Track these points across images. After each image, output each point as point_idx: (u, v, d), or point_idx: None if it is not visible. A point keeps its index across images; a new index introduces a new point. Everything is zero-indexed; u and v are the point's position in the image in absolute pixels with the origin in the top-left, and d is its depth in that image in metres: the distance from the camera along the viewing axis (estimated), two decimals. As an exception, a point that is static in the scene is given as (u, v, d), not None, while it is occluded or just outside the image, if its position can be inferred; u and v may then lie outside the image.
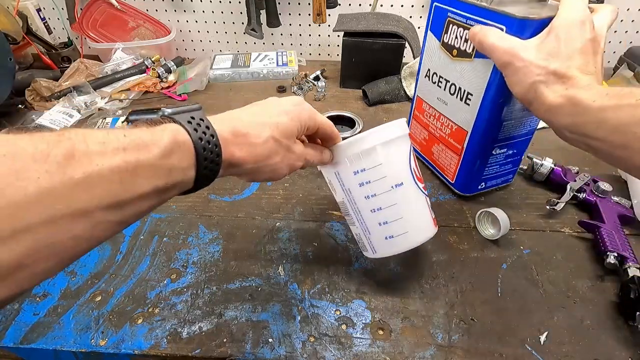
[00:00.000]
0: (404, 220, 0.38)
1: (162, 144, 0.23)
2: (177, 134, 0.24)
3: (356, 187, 0.38)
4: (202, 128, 0.25)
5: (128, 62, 0.85)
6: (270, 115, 0.31)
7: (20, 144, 0.18)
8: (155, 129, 0.24)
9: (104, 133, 0.21)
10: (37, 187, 0.17)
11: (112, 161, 0.20)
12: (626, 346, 0.38)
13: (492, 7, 0.41)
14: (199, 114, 0.26)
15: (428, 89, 0.55)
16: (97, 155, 0.20)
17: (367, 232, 0.40)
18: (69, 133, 0.20)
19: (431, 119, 0.56)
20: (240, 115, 0.31)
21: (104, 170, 0.20)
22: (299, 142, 0.34)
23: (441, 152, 0.56)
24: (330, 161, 0.38)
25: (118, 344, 0.37)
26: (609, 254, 0.43)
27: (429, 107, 0.56)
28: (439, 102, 0.54)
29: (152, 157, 0.22)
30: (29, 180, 0.17)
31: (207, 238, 0.49)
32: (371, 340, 0.38)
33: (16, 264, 0.17)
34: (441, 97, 0.53)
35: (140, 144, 0.22)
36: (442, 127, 0.54)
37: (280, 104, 0.33)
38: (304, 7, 0.96)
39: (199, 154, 0.25)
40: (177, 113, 0.26)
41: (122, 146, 0.21)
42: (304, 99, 0.35)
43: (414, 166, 0.39)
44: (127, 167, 0.21)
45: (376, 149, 0.36)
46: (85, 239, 0.20)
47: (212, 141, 0.26)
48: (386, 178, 0.37)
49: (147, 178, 0.22)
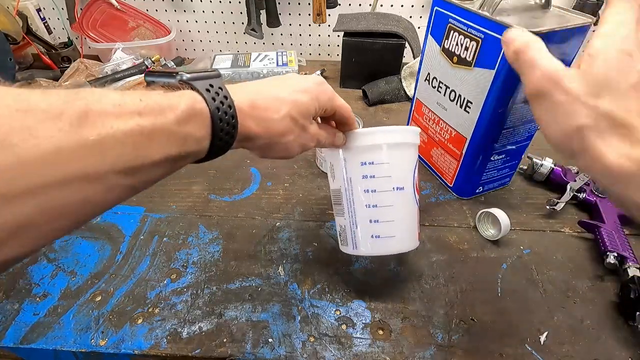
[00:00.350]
0: (394, 224, 0.38)
1: (179, 111, 0.22)
2: (194, 102, 0.23)
3: (358, 178, 0.37)
4: (220, 97, 0.25)
5: (128, 62, 0.85)
6: (290, 91, 0.30)
7: (33, 100, 0.17)
8: (172, 95, 0.23)
9: (120, 95, 0.20)
10: (51, 145, 0.17)
11: (127, 124, 0.19)
12: (626, 346, 0.38)
13: (492, 17, 0.40)
14: (217, 82, 0.25)
15: (428, 93, 0.55)
16: (112, 117, 0.19)
17: (353, 226, 0.39)
18: (84, 92, 0.19)
19: (430, 122, 0.56)
20: (260, 87, 0.30)
21: (118, 133, 0.19)
22: (314, 123, 0.33)
23: (440, 156, 0.57)
24: (342, 146, 0.37)
25: (118, 344, 0.37)
26: (609, 254, 0.43)
27: (429, 110, 0.56)
28: (438, 106, 0.54)
29: (168, 123, 0.21)
30: (42, 138, 0.16)
31: (207, 238, 0.49)
32: (371, 340, 0.38)
33: (27, 222, 0.17)
34: (441, 102, 0.53)
35: (156, 109, 0.21)
36: (442, 132, 0.54)
37: (301, 82, 0.32)
38: (304, 7, 0.96)
39: (215, 124, 0.24)
40: (196, 79, 0.25)
41: (138, 110, 0.20)
42: (324, 80, 0.34)
43: (416, 176, 0.39)
44: (141, 132, 0.20)
45: (389, 147, 0.37)
46: (97, 202, 0.20)
47: (229, 112, 0.25)
48: (390, 178, 0.37)
49: (161, 144, 0.21)
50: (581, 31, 0.40)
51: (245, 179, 0.59)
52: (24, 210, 0.17)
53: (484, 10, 0.41)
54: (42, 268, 0.45)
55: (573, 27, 0.39)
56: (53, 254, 0.47)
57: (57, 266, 0.45)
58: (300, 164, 0.62)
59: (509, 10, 0.43)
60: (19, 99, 0.17)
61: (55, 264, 0.45)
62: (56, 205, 0.18)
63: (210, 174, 0.60)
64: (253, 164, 0.62)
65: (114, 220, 0.51)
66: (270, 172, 0.60)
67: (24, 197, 0.16)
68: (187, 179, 0.58)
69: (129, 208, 0.53)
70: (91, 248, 0.47)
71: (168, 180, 0.58)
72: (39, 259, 0.46)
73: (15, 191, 0.16)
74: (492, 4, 0.40)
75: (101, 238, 0.49)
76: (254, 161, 0.62)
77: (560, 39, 0.40)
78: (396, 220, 0.38)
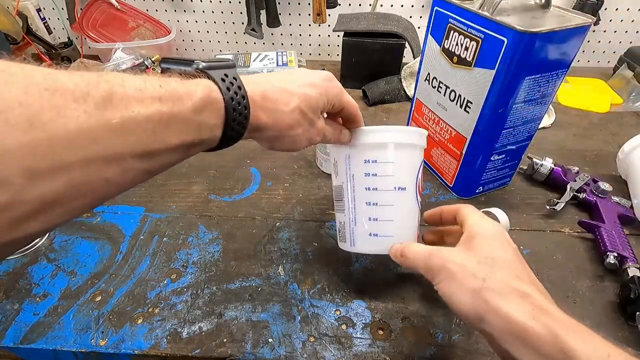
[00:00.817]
0: (394, 224, 0.38)
1: (195, 98, 0.23)
2: (210, 91, 0.24)
3: (361, 175, 0.37)
4: (234, 87, 0.25)
5: (128, 62, 0.85)
6: (300, 84, 0.31)
7: (61, 80, 0.18)
8: (188, 82, 0.23)
9: (141, 80, 0.21)
10: (77, 125, 0.17)
11: (148, 110, 0.20)
12: (626, 346, 0.38)
13: (492, 17, 0.40)
14: (232, 72, 0.26)
15: (428, 93, 0.55)
16: (134, 102, 0.20)
17: (352, 223, 0.39)
18: (107, 75, 0.20)
19: (430, 122, 0.56)
20: (270, 79, 0.30)
21: (140, 117, 0.20)
22: (322, 117, 0.34)
23: (440, 156, 0.56)
24: (348, 142, 0.37)
25: (118, 344, 0.37)
26: (609, 254, 0.43)
27: (429, 110, 0.56)
28: (438, 106, 0.54)
29: (185, 111, 0.22)
30: (69, 118, 0.17)
31: (207, 238, 0.49)
32: (371, 340, 0.38)
33: (52, 199, 0.17)
34: (441, 102, 0.53)
35: (175, 96, 0.22)
36: (442, 132, 0.54)
37: (310, 76, 0.32)
38: (304, 7, 0.96)
39: (229, 113, 0.25)
40: (212, 68, 0.25)
41: (159, 95, 0.21)
42: (333, 76, 0.34)
43: (420, 178, 0.39)
44: (160, 118, 0.21)
45: (394, 147, 0.37)
46: (115, 183, 0.20)
47: (242, 102, 0.25)
48: (393, 177, 0.37)
49: (177, 131, 0.22)
50: (581, 31, 0.40)
51: (245, 179, 0.59)
52: (52, 186, 0.17)
53: (484, 10, 0.41)
54: (42, 268, 0.45)
55: (573, 27, 0.39)
56: (53, 254, 0.47)
57: (57, 266, 0.45)
58: (300, 164, 0.62)
59: (509, 10, 0.43)
60: (48, 78, 0.17)
61: (55, 264, 0.45)
62: (80, 183, 0.18)
63: (210, 174, 0.60)
64: (253, 164, 0.62)
65: (114, 220, 0.51)
66: (270, 172, 0.60)
67: (53, 174, 0.17)
68: (187, 179, 0.58)
69: (129, 208, 0.53)
70: (91, 248, 0.47)
71: (168, 180, 0.58)
72: (39, 259, 0.46)
73: (45, 168, 0.17)
74: (492, 4, 0.40)
75: (101, 238, 0.49)
76: (254, 161, 0.62)
77: (560, 39, 0.40)
78: (395, 220, 0.38)
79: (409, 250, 0.33)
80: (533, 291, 0.26)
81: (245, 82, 0.27)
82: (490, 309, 0.26)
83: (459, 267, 0.29)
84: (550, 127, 0.71)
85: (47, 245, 0.48)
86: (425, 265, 0.31)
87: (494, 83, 0.42)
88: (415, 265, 0.32)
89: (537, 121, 0.49)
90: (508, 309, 0.25)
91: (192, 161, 0.61)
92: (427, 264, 0.31)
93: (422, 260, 0.31)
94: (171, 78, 0.23)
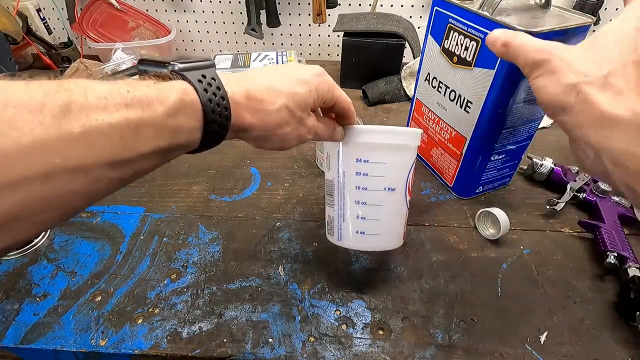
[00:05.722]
0: (381, 223, 0.39)
1: (168, 103, 0.22)
2: (184, 94, 0.23)
3: (352, 173, 0.37)
4: (212, 89, 0.24)
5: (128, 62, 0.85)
6: (288, 82, 0.30)
7: (14, 92, 0.17)
8: (162, 85, 0.23)
9: (107, 87, 0.20)
10: (31, 138, 0.16)
11: (113, 117, 0.19)
12: (626, 346, 0.38)
13: (493, 17, 0.40)
14: (210, 73, 0.25)
15: (428, 93, 0.55)
16: (97, 110, 0.19)
17: (340, 219, 0.39)
18: (69, 84, 0.19)
19: (430, 122, 0.56)
20: (257, 77, 0.29)
21: (104, 126, 0.19)
22: (312, 115, 0.33)
23: (440, 156, 0.56)
24: (341, 139, 0.37)
25: (118, 344, 0.37)
26: (609, 254, 0.43)
27: (429, 110, 0.56)
28: (438, 106, 0.53)
29: (156, 116, 0.21)
30: (22, 131, 0.16)
31: (207, 238, 0.49)
32: (371, 340, 0.38)
33: (11, 215, 0.17)
34: (441, 102, 0.52)
35: (144, 101, 0.21)
36: (442, 132, 0.54)
37: (300, 72, 0.31)
38: (304, 7, 0.96)
39: (207, 115, 0.24)
40: (188, 70, 0.24)
41: (125, 102, 0.20)
42: (324, 70, 0.33)
43: (410, 178, 0.39)
44: (128, 125, 0.20)
45: (387, 148, 0.37)
46: (83, 194, 0.19)
47: (222, 104, 0.25)
48: (383, 178, 0.37)
49: (149, 137, 0.21)
50: (581, 31, 0.40)
51: (245, 179, 0.59)
52: (10, 202, 0.17)
53: (483, 10, 0.41)
54: (42, 268, 0.45)
55: (573, 27, 0.39)
56: (53, 254, 0.47)
57: (57, 266, 0.45)
58: (300, 164, 0.62)
59: (508, 10, 0.43)
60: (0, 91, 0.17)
61: (55, 264, 0.45)
62: (41, 198, 0.18)
63: (210, 174, 0.60)
64: (253, 164, 0.62)
65: (114, 221, 0.51)
66: (270, 172, 0.60)
67: (9, 190, 0.16)
68: (187, 179, 0.58)
69: (129, 208, 0.53)
70: (91, 248, 0.47)
71: (168, 180, 0.58)
72: (39, 259, 0.46)
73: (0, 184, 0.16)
74: (492, 4, 0.40)
75: (101, 238, 0.49)
76: (254, 161, 0.62)
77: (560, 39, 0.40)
78: (382, 219, 0.38)
79: (516, 41, 0.30)
80: (636, 95, 0.24)
81: (228, 82, 0.26)
82: (578, 100, 0.26)
83: (563, 63, 0.27)
84: (550, 127, 0.71)
85: (47, 245, 0.48)
86: (528, 58, 0.29)
87: (494, 83, 0.42)
88: (516, 56, 0.30)
89: (537, 121, 0.49)
90: (599, 99, 0.25)
91: (192, 161, 0.61)
92: (531, 58, 0.29)
93: (530, 52, 0.29)
94: (143, 82, 0.23)
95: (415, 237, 0.49)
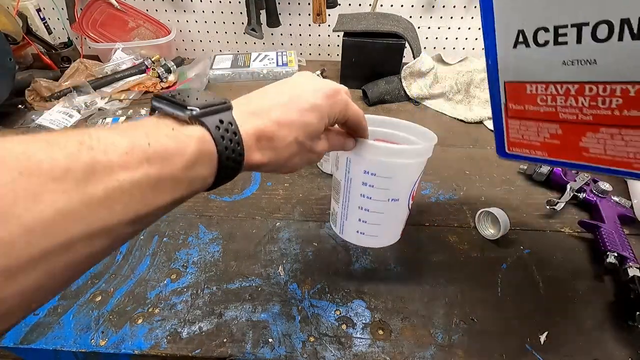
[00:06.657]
0: (380, 227, 0.40)
1: (187, 155, 0.21)
2: (202, 143, 0.22)
3: (359, 182, 0.38)
4: (229, 135, 0.24)
5: (128, 62, 0.85)
6: (298, 110, 0.28)
7: (36, 158, 0.16)
8: (180, 133, 0.22)
9: (128, 140, 0.19)
10: (54, 210, 0.16)
11: (134, 175, 0.19)
12: (626, 346, 0.38)
13: None
14: (227, 117, 0.24)
15: (532, 60, 0.36)
16: (120, 169, 0.18)
17: (344, 217, 0.41)
18: (91, 140, 0.18)
19: (559, 102, 0.36)
20: (267, 107, 0.27)
21: (126, 184, 0.18)
22: (322, 138, 0.32)
23: (609, 140, 0.35)
24: (352, 149, 0.36)
25: (118, 344, 0.37)
26: (609, 254, 0.43)
27: (546, 86, 0.36)
28: (570, 67, 0.33)
29: (175, 170, 0.21)
30: (46, 204, 0.16)
31: (207, 238, 0.49)
32: (371, 340, 0.38)
33: (34, 289, 0.16)
34: (575, 56, 0.33)
35: (164, 155, 0.20)
36: (599, 102, 0.33)
37: (312, 94, 0.29)
38: (304, 7, 0.96)
39: (222, 162, 0.24)
40: (206, 115, 0.23)
41: (146, 156, 0.19)
42: (339, 86, 0.31)
43: (416, 187, 0.39)
44: (149, 182, 0.19)
45: (395, 165, 0.36)
46: (101, 253, 0.19)
47: (236, 150, 0.24)
48: (388, 191, 0.37)
49: (168, 191, 0.21)
50: None
51: (245, 179, 0.59)
52: (32, 278, 0.16)
53: None
54: (42, 268, 0.45)
55: None
56: (53, 254, 0.46)
57: (57, 266, 0.45)
58: (300, 164, 0.62)
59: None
60: (22, 158, 0.16)
61: (55, 264, 0.45)
62: (64, 267, 0.17)
63: (210, 174, 0.59)
64: (253, 164, 0.62)
65: (114, 220, 0.51)
66: (270, 172, 0.60)
67: (32, 266, 0.16)
68: (187, 179, 0.58)
69: (129, 208, 0.53)
70: (91, 248, 0.47)
71: (168, 180, 0.58)
72: (39, 259, 0.46)
73: (23, 262, 0.15)
74: None
75: (101, 238, 0.49)
76: (254, 161, 0.62)
77: None
78: (382, 225, 0.40)
79: None
80: None
81: (240, 119, 0.25)
82: None
83: None
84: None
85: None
86: None
87: None
88: None
89: None
90: None
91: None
92: None
93: None
94: (162, 130, 0.22)
95: (415, 237, 0.49)
